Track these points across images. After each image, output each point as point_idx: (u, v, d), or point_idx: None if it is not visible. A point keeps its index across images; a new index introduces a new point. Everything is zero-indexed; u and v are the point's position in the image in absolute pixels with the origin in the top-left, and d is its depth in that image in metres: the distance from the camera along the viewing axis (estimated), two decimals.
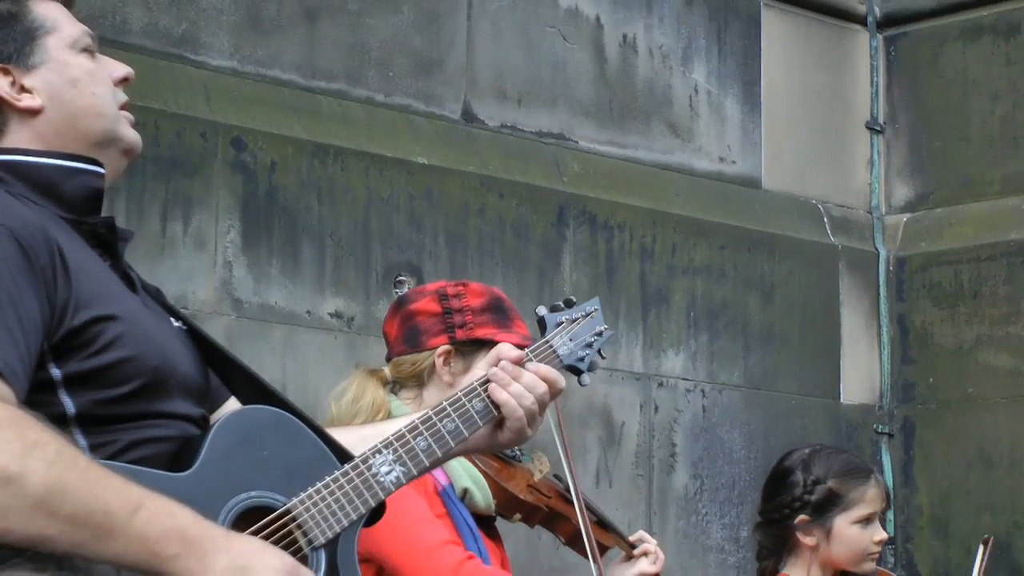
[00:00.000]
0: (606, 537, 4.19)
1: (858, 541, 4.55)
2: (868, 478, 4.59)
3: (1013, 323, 6.67)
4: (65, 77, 2.80)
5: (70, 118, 2.79)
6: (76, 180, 2.78)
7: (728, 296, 6.50)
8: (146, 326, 2.70)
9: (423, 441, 2.91)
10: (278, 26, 5.59)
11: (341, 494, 2.77)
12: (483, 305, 3.91)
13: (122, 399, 2.60)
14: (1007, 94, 6.88)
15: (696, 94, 6.64)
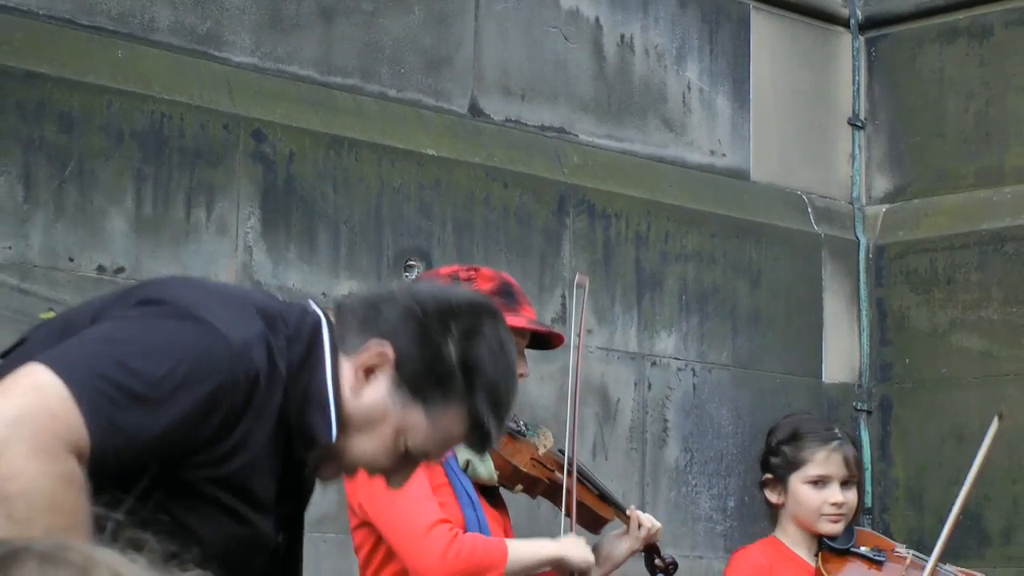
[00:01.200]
0: (605, 510, 4.17)
1: (811, 500, 4.52)
2: (825, 442, 4.56)
3: (984, 308, 6.66)
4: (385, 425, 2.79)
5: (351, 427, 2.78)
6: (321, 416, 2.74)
7: (718, 281, 6.49)
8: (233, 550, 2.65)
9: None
10: (296, 25, 5.57)
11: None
12: (493, 289, 3.88)
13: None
14: (980, 93, 6.87)
15: (689, 91, 6.62)
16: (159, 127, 4.99)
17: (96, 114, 4.90)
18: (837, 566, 4.52)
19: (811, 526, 4.53)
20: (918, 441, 6.76)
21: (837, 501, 4.52)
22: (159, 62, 5.08)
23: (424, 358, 2.76)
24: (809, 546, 4.57)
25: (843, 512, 4.54)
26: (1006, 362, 6.59)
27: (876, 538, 4.67)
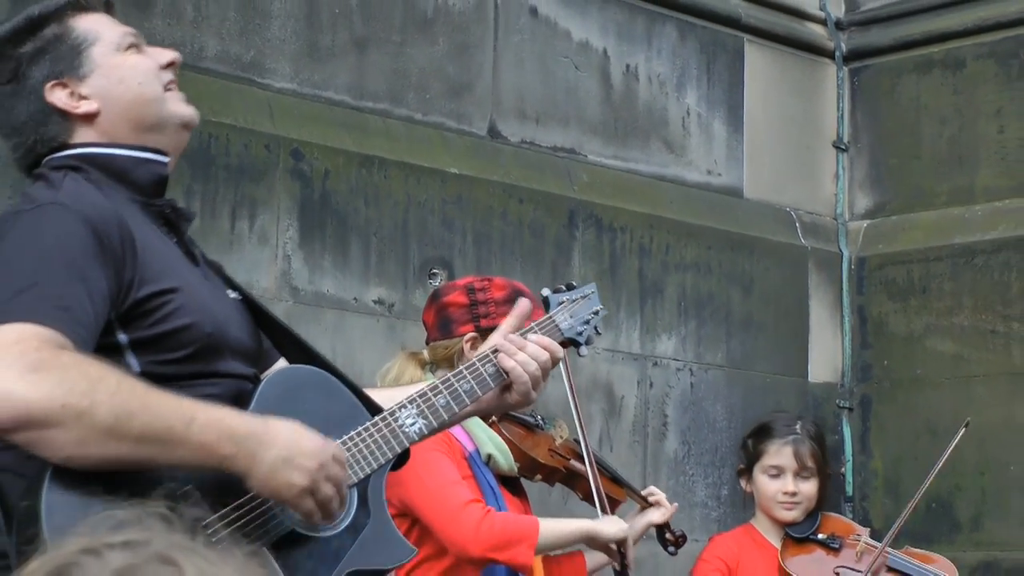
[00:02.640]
0: (618, 492, 4.18)
1: (767, 489, 4.55)
2: (782, 437, 4.57)
3: (956, 315, 6.66)
4: (113, 78, 2.77)
5: (124, 111, 2.76)
6: (144, 168, 2.77)
7: (713, 289, 6.48)
8: (203, 297, 2.70)
9: (442, 399, 2.91)
10: (332, 54, 5.57)
11: (372, 441, 2.77)
12: (505, 297, 3.89)
13: (181, 360, 2.61)
14: (953, 119, 6.86)
15: (688, 116, 6.61)
16: (207, 146, 4.99)
17: None
18: (795, 552, 4.53)
19: (769, 512, 4.55)
20: (895, 436, 6.74)
21: (789, 490, 4.53)
22: (207, 87, 5.08)
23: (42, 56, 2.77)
24: (778, 532, 4.58)
25: (796, 500, 4.54)
26: (975, 364, 6.58)
27: (839, 524, 4.67)
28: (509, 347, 3.02)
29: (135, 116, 2.77)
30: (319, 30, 5.55)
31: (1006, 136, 6.72)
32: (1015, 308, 6.52)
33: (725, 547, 4.55)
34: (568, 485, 4.19)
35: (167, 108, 2.82)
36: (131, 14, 5.09)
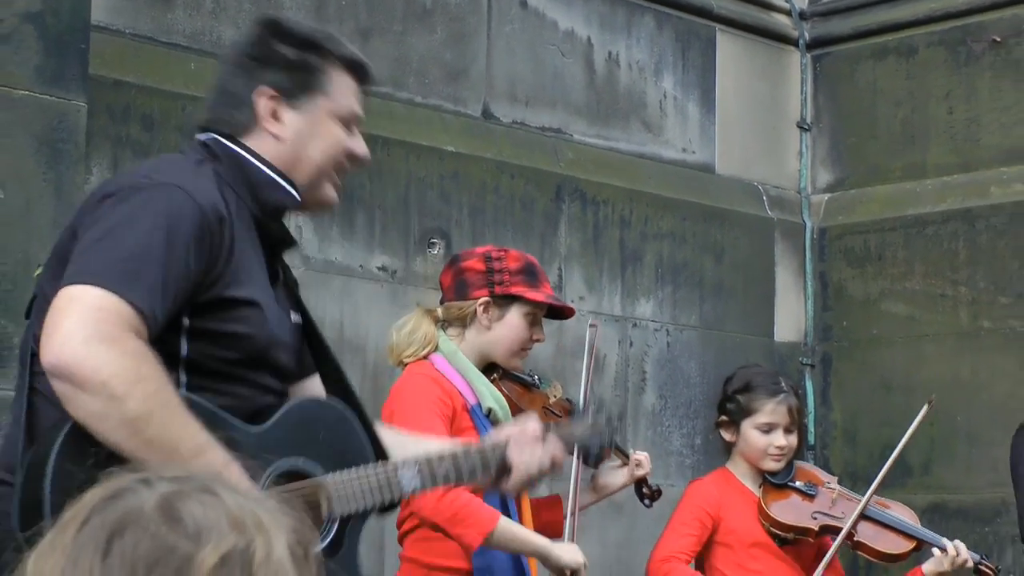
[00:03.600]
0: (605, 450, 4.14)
1: (758, 443, 4.51)
2: (773, 395, 4.54)
3: (908, 280, 6.67)
4: (313, 132, 2.75)
5: (296, 159, 2.74)
6: (276, 192, 2.74)
7: (688, 257, 6.47)
8: (270, 318, 2.67)
9: (444, 469, 2.87)
10: None
11: (368, 484, 2.74)
12: (519, 268, 3.87)
13: (226, 361, 2.59)
14: (906, 102, 6.86)
15: (665, 99, 6.60)
16: None
17: (173, 116, 4.87)
18: (775, 497, 4.50)
19: (757, 463, 4.51)
20: (853, 390, 6.76)
21: (781, 445, 4.50)
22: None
23: (284, 68, 2.74)
24: (755, 478, 4.55)
25: (784, 453, 4.52)
26: (926, 325, 6.59)
27: (812, 474, 4.65)
28: (522, 442, 2.99)
29: (298, 166, 2.75)
30: (327, 20, 5.52)
31: (954, 117, 6.71)
32: (962, 274, 6.52)
33: (706, 495, 4.51)
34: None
35: (323, 185, 2.80)
36: (155, 6, 5.06)
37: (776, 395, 4.54)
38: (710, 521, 4.46)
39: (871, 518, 4.52)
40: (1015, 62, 6.58)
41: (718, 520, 4.47)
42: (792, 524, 4.44)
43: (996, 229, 6.47)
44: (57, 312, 2.39)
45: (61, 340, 2.36)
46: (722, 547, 4.47)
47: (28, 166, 3.82)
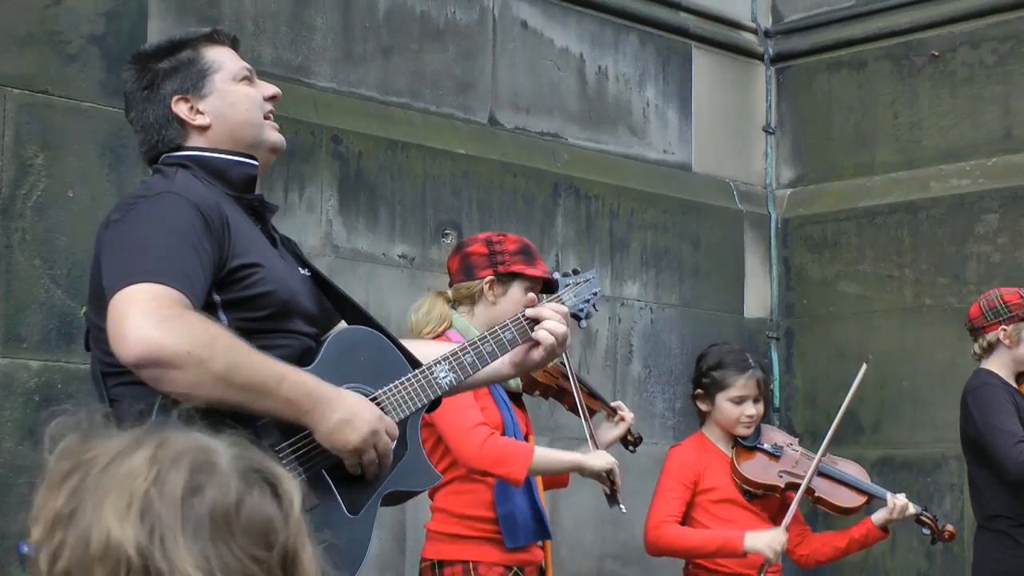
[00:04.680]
0: (594, 403, 4.15)
1: (731, 413, 4.50)
2: (744, 371, 4.53)
3: (860, 264, 6.67)
4: (226, 102, 2.74)
5: (230, 129, 2.75)
6: (238, 169, 2.75)
7: (669, 244, 6.46)
8: (280, 272, 2.69)
9: (469, 357, 2.89)
10: (364, 60, 5.54)
11: (411, 389, 2.77)
12: (517, 249, 3.86)
13: (261, 319, 2.60)
14: (857, 108, 6.85)
15: (648, 107, 6.59)
16: None
17: None
18: (746, 457, 4.50)
19: (730, 429, 4.51)
20: (812, 359, 6.75)
21: (750, 414, 4.50)
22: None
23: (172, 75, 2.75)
24: (727, 441, 4.54)
25: (753, 420, 4.52)
26: (875, 302, 6.59)
27: (778, 436, 4.65)
28: (543, 311, 3.01)
29: (238, 135, 2.76)
30: (353, 40, 5.52)
31: (899, 121, 6.71)
32: (906, 258, 6.52)
33: (686, 460, 4.51)
34: (558, 399, 4.18)
35: (263, 133, 2.80)
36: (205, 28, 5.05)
37: (746, 371, 4.54)
38: (691, 483, 4.46)
39: (828, 476, 4.51)
40: (951, 73, 6.57)
41: (697, 480, 4.46)
42: (761, 482, 4.44)
43: (935, 219, 6.46)
44: (118, 316, 2.39)
45: (134, 335, 2.35)
46: (701, 503, 4.47)
47: (93, 168, 3.82)
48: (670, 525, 4.37)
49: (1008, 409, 4.72)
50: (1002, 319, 4.88)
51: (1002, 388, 4.80)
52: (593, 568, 5.99)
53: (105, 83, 3.85)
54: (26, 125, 3.70)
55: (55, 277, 3.72)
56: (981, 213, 6.33)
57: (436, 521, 3.79)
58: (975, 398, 4.79)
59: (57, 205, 3.73)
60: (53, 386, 3.69)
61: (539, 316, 2.98)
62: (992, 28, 6.48)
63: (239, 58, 2.84)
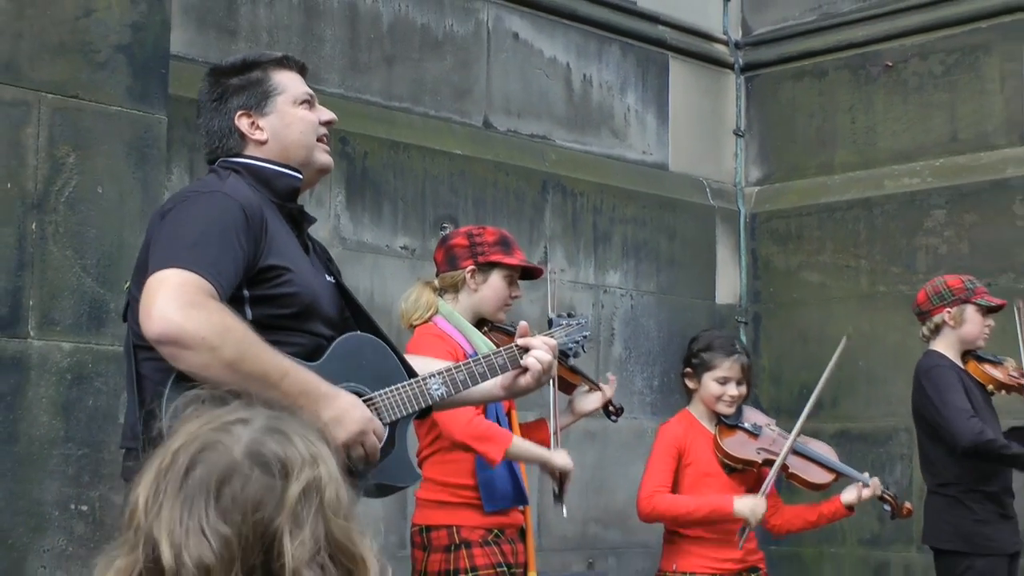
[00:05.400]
0: (575, 378, 4.12)
1: (715, 392, 4.47)
2: (730, 355, 4.49)
3: (820, 255, 6.67)
4: (284, 123, 2.75)
5: (283, 147, 2.75)
6: (283, 180, 2.76)
7: (647, 237, 6.45)
8: (308, 277, 2.69)
9: (462, 375, 2.88)
10: (369, 68, 5.52)
11: (405, 395, 2.77)
12: (495, 240, 3.84)
13: (284, 317, 2.60)
14: (818, 114, 6.84)
15: (628, 112, 6.58)
16: None
17: None
18: (727, 434, 4.48)
19: (713, 407, 4.49)
20: (777, 342, 6.76)
21: (733, 394, 4.47)
22: None
23: (241, 91, 2.76)
24: (711, 419, 4.52)
25: (735, 400, 4.49)
26: (834, 290, 6.59)
27: (758, 416, 4.62)
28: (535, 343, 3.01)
29: (290, 153, 2.76)
30: (359, 50, 5.50)
31: (856, 126, 6.70)
32: (862, 250, 6.52)
33: (674, 435, 4.48)
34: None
35: (313, 155, 2.80)
36: (222, 39, 5.02)
37: (732, 355, 4.51)
38: (678, 455, 4.44)
39: (801, 454, 4.50)
40: (903, 82, 6.57)
41: (683, 453, 4.45)
42: (740, 457, 4.42)
43: (889, 214, 6.46)
44: (150, 294, 2.41)
45: (159, 314, 2.37)
46: (684, 474, 4.45)
47: (121, 167, 3.80)
48: (662, 495, 4.36)
49: (959, 388, 4.74)
50: (946, 302, 4.89)
51: (951, 369, 4.82)
52: (577, 531, 5.99)
53: (131, 88, 3.83)
54: (59, 127, 3.68)
55: (85, 266, 3.70)
56: (929, 209, 6.32)
57: (424, 489, 3.77)
58: (929, 379, 4.80)
59: (87, 200, 3.71)
60: (84, 366, 3.68)
61: (529, 345, 2.97)
62: (940, 41, 6.47)
63: (303, 83, 2.85)
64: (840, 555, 6.38)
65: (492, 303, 3.81)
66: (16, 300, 3.57)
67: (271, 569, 1.25)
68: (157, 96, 3.89)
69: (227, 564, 1.23)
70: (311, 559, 1.25)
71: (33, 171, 3.61)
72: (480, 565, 3.63)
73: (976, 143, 6.30)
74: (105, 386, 3.69)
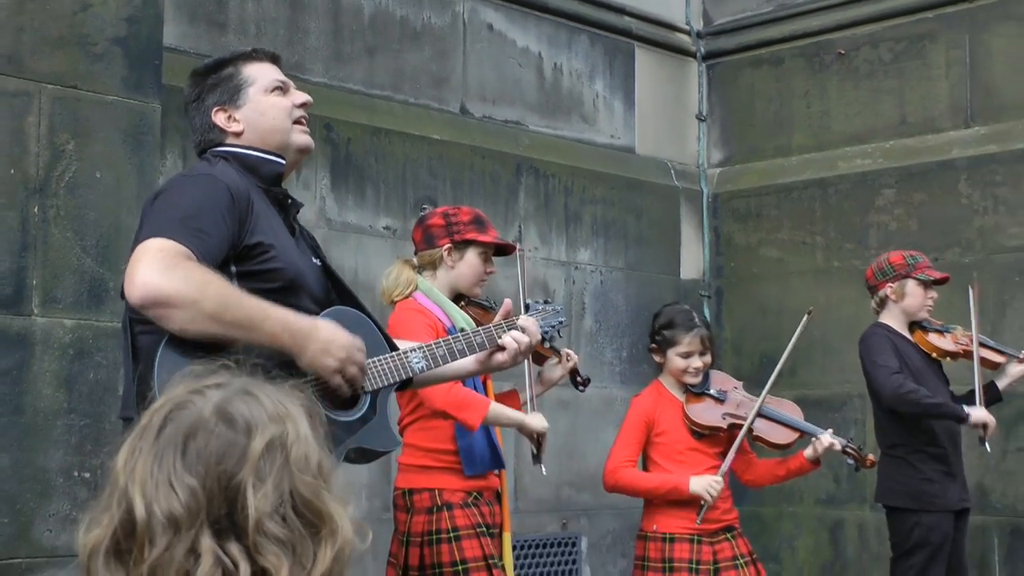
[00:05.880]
0: (547, 352, 4.15)
1: (680, 365, 4.50)
2: (690, 330, 4.52)
3: (778, 232, 6.70)
4: (257, 111, 2.76)
5: (259, 134, 2.76)
6: (267, 166, 2.77)
7: (616, 216, 6.47)
8: (292, 254, 2.69)
9: (441, 351, 2.90)
10: (351, 58, 5.51)
11: (387, 366, 2.77)
12: (470, 219, 3.85)
13: (270, 291, 2.59)
14: (776, 99, 6.86)
15: (597, 98, 6.58)
16: None
17: None
18: (695, 402, 4.51)
19: (680, 379, 4.52)
20: (739, 314, 6.78)
21: (696, 366, 4.51)
22: None
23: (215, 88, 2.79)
24: (680, 388, 4.55)
25: (700, 370, 4.53)
26: (792, 265, 6.62)
27: (725, 381, 4.65)
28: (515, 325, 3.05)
29: (267, 139, 2.77)
30: (342, 41, 5.49)
31: (811, 110, 6.73)
32: (818, 227, 6.56)
33: (645, 408, 4.52)
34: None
35: (290, 138, 2.80)
36: (212, 32, 5.01)
37: (691, 330, 4.54)
38: (647, 427, 4.48)
39: (766, 416, 4.54)
40: (855, 69, 6.60)
41: (653, 423, 4.48)
42: (707, 424, 4.45)
43: (843, 193, 6.50)
44: (133, 262, 2.42)
45: (140, 280, 2.38)
46: (656, 443, 4.49)
47: (117, 153, 3.80)
48: (626, 469, 4.40)
49: (888, 350, 4.83)
50: (888, 278, 4.97)
51: (885, 335, 4.90)
52: (552, 494, 6.02)
53: (127, 79, 3.83)
54: (59, 116, 3.67)
55: (85, 247, 3.70)
56: (880, 188, 6.37)
57: (406, 455, 3.79)
58: (864, 345, 4.93)
59: (86, 185, 3.72)
60: (85, 341, 3.69)
61: (524, 327, 3.02)
62: (889, 30, 6.51)
63: (276, 71, 2.85)
64: (798, 514, 6.45)
65: (468, 279, 3.83)
66: (20, 280, 3.57)
67: (235, 520, 1.24)
68: (151, 86, 3.89)
69: (193, 515, 1.23)
70: (273, 511, 1.25)
71: (35, 158, 3.61)
72: (461, 526, 3.66)
73: (923, 126, 6.35)
74: (105, 360, 3.70)
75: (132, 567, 1.24)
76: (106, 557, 1.25)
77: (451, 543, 3.64)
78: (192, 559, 1.22)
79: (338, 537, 1.28)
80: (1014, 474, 5.86)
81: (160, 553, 1.23)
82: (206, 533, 1.23)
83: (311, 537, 1.26)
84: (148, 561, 1.23)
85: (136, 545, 1.24)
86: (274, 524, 1.24)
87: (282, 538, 1.24)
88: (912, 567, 4.77)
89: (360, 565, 5.09)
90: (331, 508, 1.28)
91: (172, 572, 1.23)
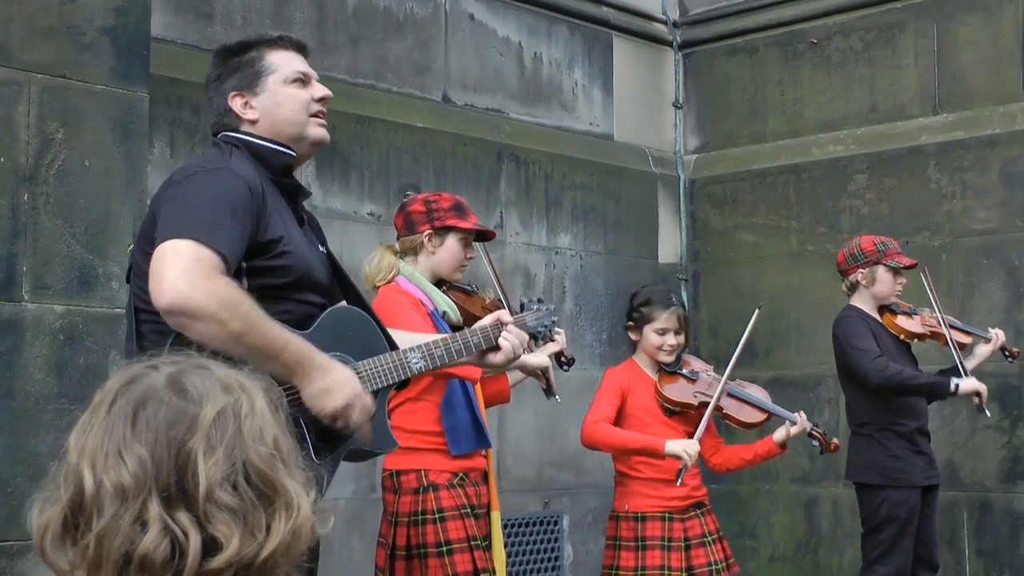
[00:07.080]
0: None
1: (655, 342, 4.51)
2: (666, 308, 4.53)
3: (754, 216, 6.70)
4: (274, 101, 2.71)
5: (274, 125, 2.71)
6: (278, 157, 2.72)
7: (595, 202, 6.46)
8: (302, 248, 2.65)
9: (440, 351, 2.88)
10: (336, 47, 5.48)
11: (386, 366, 2.74)
12: (450, 206, 3.83)
13: (278, 287, 2.57)
14: (750, 87, 6.86)
15: (576, 86, 6.57)
16: None
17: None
18: (667, 381, 4.52)
19: (654, 356, 4.52)
20: (715, 298, 6.79)
21: (671, 344, 4.51)
22: None
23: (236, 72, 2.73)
24: (653, 367, 4.55)
25: (674, 349, 4.53)
26: (767, 249, 6.63)
27: (697, 363, 4.66)
28: (511, 327, 3.06)
29: (281, 130, 2.71)
30: (326, 31, 5.46)
31: (785, 98, 6.73)
32: (792, 212, 6.57)
33: (619, 377, 4.53)
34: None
35: (305, 130, 2.74)
36: (199, 22, 4.98)
37: (668, 307, 4.54)
38: (622, 395, 4.48)
39: (735, 396, 4.54)
40: (827, 58, 6.60)
41: (626, 395, 4.48)
42: (678, 401, 4.46)
43: (816, 178, 6.51)
44: (161, 264, 2.37)
45: (170, 285, 2.34)
46: (628, 417, 4.49)
47: (106, 142, 3.77)
48: (602, 424, 4.40)
49: (866, 334, 4.84)
50: (859, 263, 4.99)
51: (860, 318, 4.91)
52: (534, 473, 6.03)
53: (115, 68, 3.80)
54: (48, 105, 3.64)
55: (75, 234, 3.68)
56: (852, 174, 6.38)
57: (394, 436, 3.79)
58: (840, 328, 4.94)
59: (75, 173, 3.69)
60: (75, 327, 3.66)
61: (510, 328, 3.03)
62: (860, 20, 6.51)
63: (300, 61, 2.78)
64: (774, 492, 6.47)
65: (449, 264, 3.82)
66: (11, 266, 3.54)
67: (185, 489, 1.19)
68: (139, 75, 3.86)
69: (141, 483, 1.18)
70: (224, 479, 1.19)
71: (25, 146, 3.58)
72: (446, 507, 3.66)
73: (893, 113, 6.36)
74: (95, 345, 3.68)
75: (79, 540, 1.19)
76: (56, 536, 1.20)
77: (436, 524, 3.64)
78: (139, 528, 1.17)
79: (294, 511, 1.22)
80: (982, 451, 5.89)
81: (107, 523, 1.17)
82: (154, 501, 1.18)
83: (264, 508, 1.21)
84: (94, 531, 1.17)
85: (84, 519, 1.19)
86: (225, 493, 1.19)
87: (233, 507, 1.19)
88: (882, 542, 4.79)
89: (347, 546, 5.07)
90: (286, 482, 1.23)
91: (118, 542, 1.17)
